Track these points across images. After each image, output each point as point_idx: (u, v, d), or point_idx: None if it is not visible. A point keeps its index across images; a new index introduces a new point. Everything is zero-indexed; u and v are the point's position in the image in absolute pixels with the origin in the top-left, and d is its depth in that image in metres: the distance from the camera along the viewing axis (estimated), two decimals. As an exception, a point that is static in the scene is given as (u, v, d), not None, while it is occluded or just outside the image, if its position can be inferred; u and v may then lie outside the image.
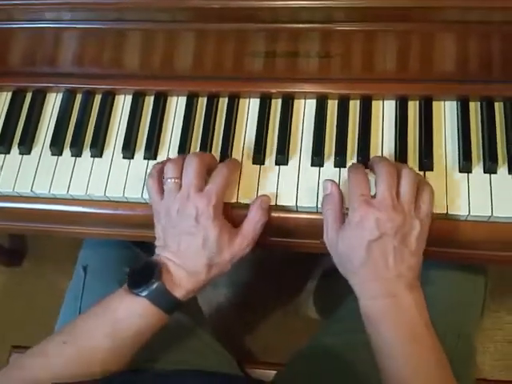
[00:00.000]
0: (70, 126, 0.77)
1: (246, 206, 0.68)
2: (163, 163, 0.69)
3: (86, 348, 0.61)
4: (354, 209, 0.60)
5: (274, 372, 0.89)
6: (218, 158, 0.72)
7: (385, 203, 0.59)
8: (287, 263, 1.39)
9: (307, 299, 1.37)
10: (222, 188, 0.65)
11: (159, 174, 0.68)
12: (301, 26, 0.65)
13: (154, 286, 0.61)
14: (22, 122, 0.78)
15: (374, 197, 0.61)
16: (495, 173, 0.68)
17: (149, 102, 0.77)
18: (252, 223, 0.66)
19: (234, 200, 0.69)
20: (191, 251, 0.63)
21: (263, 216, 0.67)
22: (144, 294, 0.61)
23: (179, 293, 0.63)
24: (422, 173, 0.68)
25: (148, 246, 0.68)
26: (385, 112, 0.72)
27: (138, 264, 0.64)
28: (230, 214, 0.68)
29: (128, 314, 0.62)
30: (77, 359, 0.61)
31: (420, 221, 0.60)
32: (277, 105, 0.74)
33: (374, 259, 0.59)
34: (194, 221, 0.63)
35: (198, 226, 0.63)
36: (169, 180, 0.66)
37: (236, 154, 0.72)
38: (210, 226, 0.63)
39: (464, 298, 0.84)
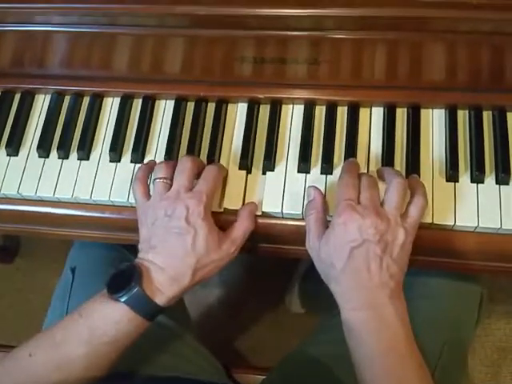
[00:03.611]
0: (58, 128, 0.77)
1: (232, 212, 0.68)
2: (149, 165, 0.69)
3: (59, 356, 0.59)
4: (338, 213, 0.59)
5: (262, 377, 0.88)
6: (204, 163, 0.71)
7: (368, 209, 0.58)
8: (275, 262, 1.38)
9: (295, 296, 1.37)
10: (212, 188, 0.65)
11: (145, 176, 0.68)
12: (289, 33, 0.64)
13: (134, 290, 0.59)
14: (10, 123, 0.78)
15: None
16: (482, 182, 0.67)
17: (137, 104, 0.77)
18: (241, 229, 0.66)
19: (219, 206, 0.69)
20: (179, 252, 0.62)
21: (252, 223, 0.67)
22: (123, 299, 0.59)
23: (160, 299, 0.61)
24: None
25: (137, 249, 0.67)
26: (372, 119, 0.72)
27: (119, 268, 0.62)
28: (216, 220, 0.67)
29: (105, 320, 0.60)
30: (43, 370, 0.59)
31: (405, 230, 0.59)
32: (265, 110, 0.74)
33: (356, 266, 0.58)
34: (184, 220, 0.61)
35: (187, 226, 0.61)
36: (157, 180, 0.65)
37: (223, 158, 0.72)
38: (201, 226, 0.62)
39: (456, 309, 0.83)
